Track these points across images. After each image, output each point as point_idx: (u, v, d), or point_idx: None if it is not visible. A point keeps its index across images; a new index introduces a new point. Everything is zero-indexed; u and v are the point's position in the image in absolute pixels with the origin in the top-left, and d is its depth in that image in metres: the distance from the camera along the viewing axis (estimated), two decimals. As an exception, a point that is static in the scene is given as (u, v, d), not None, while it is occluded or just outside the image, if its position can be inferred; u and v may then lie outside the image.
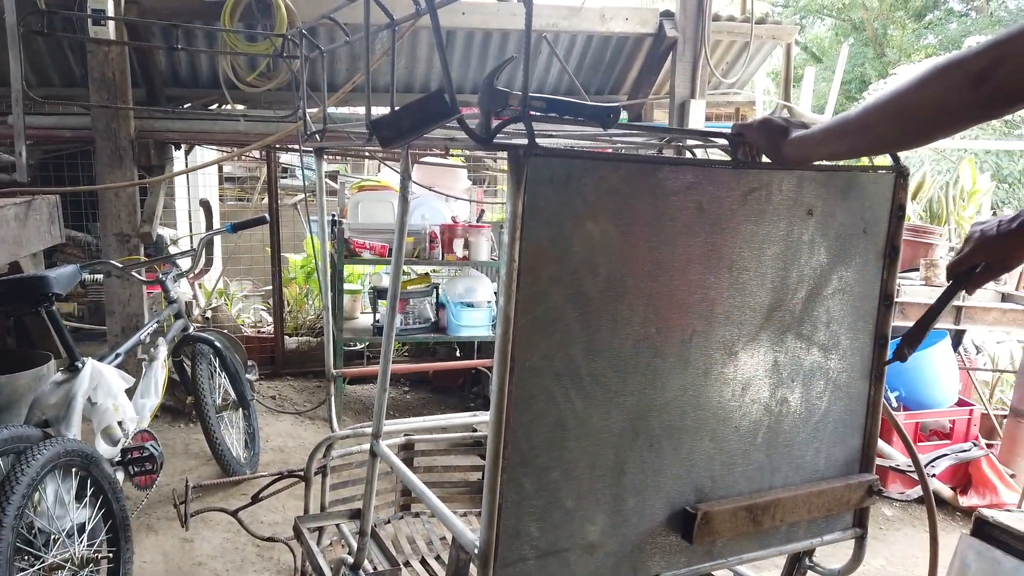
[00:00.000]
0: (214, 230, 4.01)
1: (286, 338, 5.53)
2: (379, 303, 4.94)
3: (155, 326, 3.49)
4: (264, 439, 4.19)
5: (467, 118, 1.16)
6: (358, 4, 1.63)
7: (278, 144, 4.64)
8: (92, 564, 2.40)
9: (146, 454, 2.98)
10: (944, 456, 1.96)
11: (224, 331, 4.81)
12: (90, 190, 4.61)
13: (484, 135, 1.15)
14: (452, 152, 5.14)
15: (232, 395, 3.85)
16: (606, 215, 1.20)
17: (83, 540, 2.40)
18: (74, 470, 2.43)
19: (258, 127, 4.53)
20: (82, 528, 2.42)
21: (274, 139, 4.30)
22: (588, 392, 1.24)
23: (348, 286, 5.25)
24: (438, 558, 2.54)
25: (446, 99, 1.18)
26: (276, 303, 5.39)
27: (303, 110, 2.20)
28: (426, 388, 5.41)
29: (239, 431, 3.89)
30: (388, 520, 2.75)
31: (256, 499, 2.64)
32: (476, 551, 1.22)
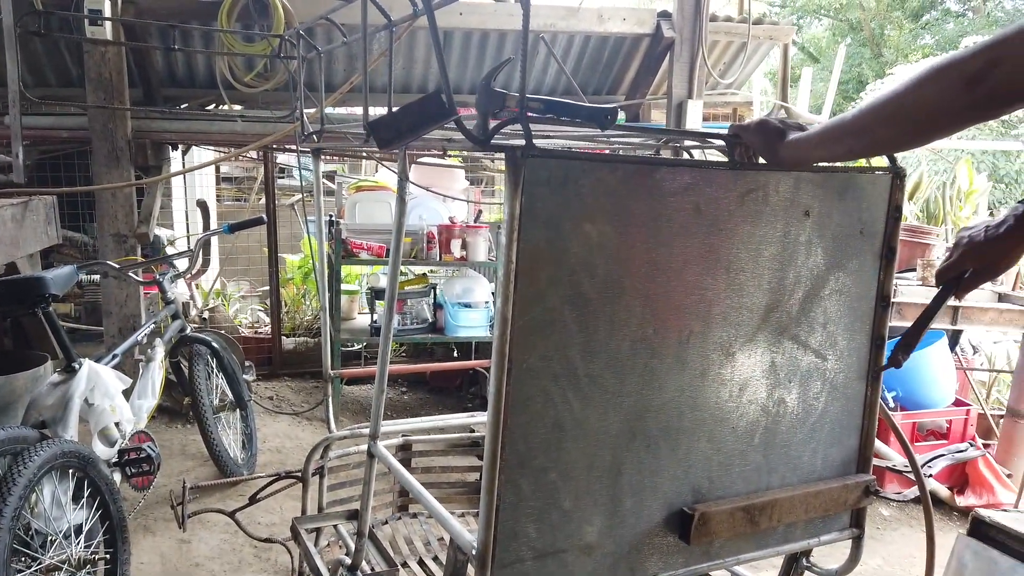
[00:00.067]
0: (211, 231, 4.01)
1: (283, 339, 5.53)
2: (376, 304, 4.94)
3: (152, 327, 3.48)
4: (261, 440, 4.19)
5: (464, 119, 1.16)
6: (355, 5, 1.64)
7: (275, 145, 4.63)
8: (89, 565, 2.40)
9: (143, 455, 2.98)
10: (941, 456, 1.96)
11: (221, 332, 4.80)
12: (87, 190, 4.60)
13: (482, 136, 1.15)
14: (450, 153, 5.14)
15: (229, 396, 3.85)
16: (603, 216, 1.20)
17: (80, 541, 2.39)
18: (71, 471, 2.43)
19: (255, 127, 4.52)
20: (79, 529, 2.41)
21: (271, 140, 4.30)
22: (586, 393, 1.24)
23: (345, 287, 5.25)
24: (436, 559, 2.53)
25: (443, 100, 1.18)
26: (273, 304, 5.39)
27: (300, 111, 2.20)
28: (424, 389, 5.41)
29: (236, 432, 3.88)
30: (386, 521, 2.75)
31: (254, 500, 2.64)
32: (474, 552, 1.23)
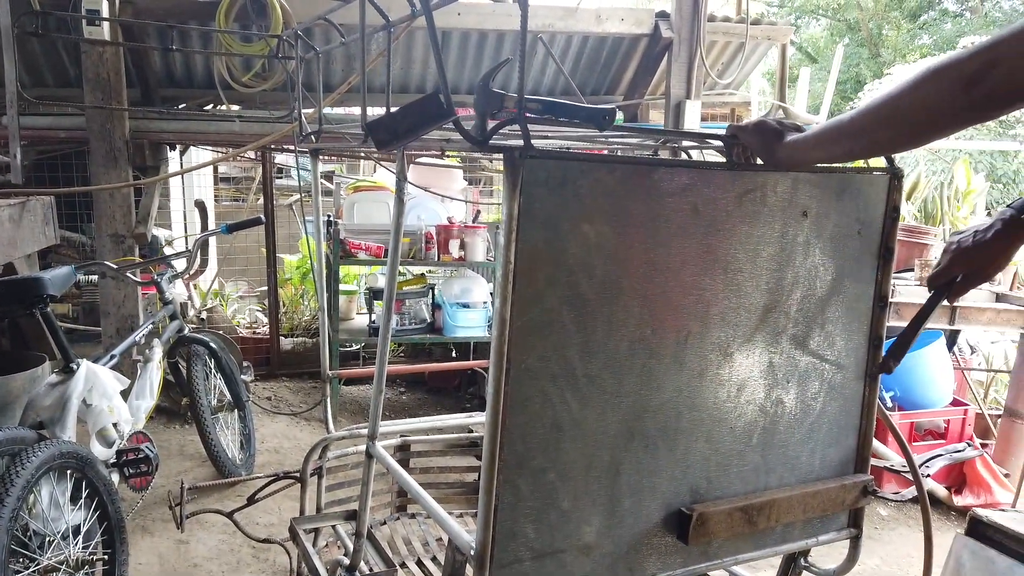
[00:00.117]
0: (209, 231, 4.00)
1: (282, 339, 5.52)
2: (375, 304, 4.94)
3: (150, 327, 3.48)
4: (260, 440, 4.19)
5: (463, 120, 1.16)
6: (353, 5, 1.64)
7: (273, 145, 4.63)
8: (87, 566, 2.40)
9: (141, 456, 2.97)
10: (939, 456, 1.96)
11: (219, 332, 4.80)
12: (85, 191, 4.59)
13: (480, 137, 1.15)
14: (448, 153, 5.14)
15: (227, 396, 3.84)
16: (602, 217, 1.20)
17: (78, 542, 2.39)
18: (69, 472, 2.43)
19: (253, 128, 4.52)
20: (77, 530, 2.41)
21: (269, 140, 4.30)
22: (584, 393, 1.24)
23: (344, 287, 5.24)
24: (434, 559, 2.53)
25: (442, 101, 1.18)
26: (271, 304, 5.38)
27: (299, 111, 2.20)
28: (422, 389, 5.41)
29: (235, 432, 3.88)
30: (384, 521, 2.75)
31: (252, 500, 2.63)
32: (472, 552, 1.23)
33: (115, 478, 2.89)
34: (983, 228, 1.33)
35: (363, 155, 6.05)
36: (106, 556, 2.50)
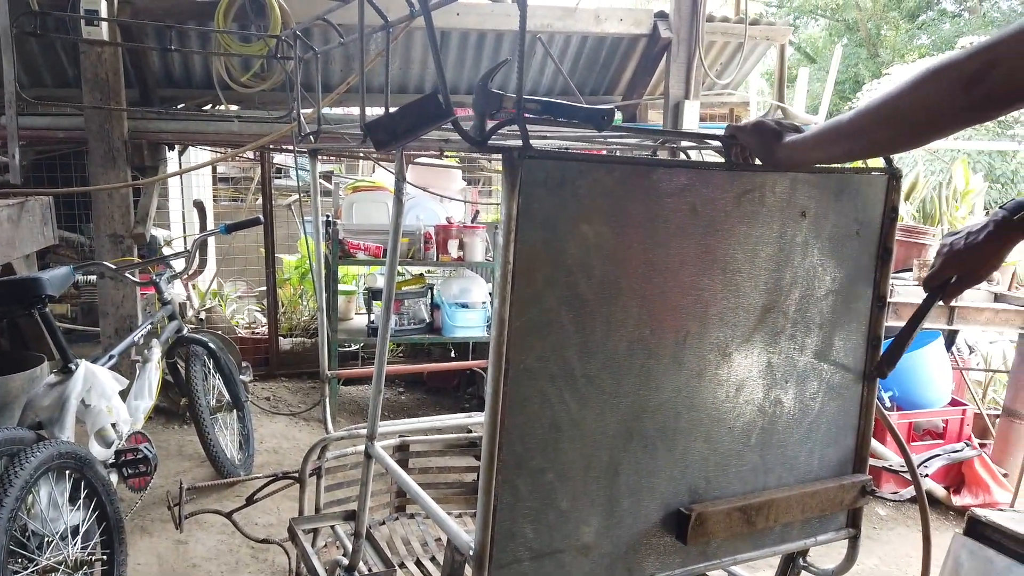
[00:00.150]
0: (208, 231, 4.00)
1: (280, 339, 5.52)
2: (374, 304, 4.94)
3: (149, 327, 3.48)
4: (258, 440, 4.18)
5: (462, 120, 1.16)
6: (352, 5, 1.63)
7: (272, 145, 4.63)
8: (86, 567, 2.40)
9: (140, 456, 2.97)
10: (937, 456, 1.96)
11: (218, 332, 4.80)
12: (83, 191, 4.59)
13: (479, 137, 1.15)
14: (447, 153, 5.14)
15: (226, 396, 3.84)
16: (600, 217, 1.20)
17: (77, 542, 2.39)
18: (68, 472, 2.43)
19: (252, 128, 4.52)
20: (76, 530, 2.41)
21: (268, 140, 4.29)
22: (583, 394, 1.24)
23: (342, 287, 5.24)
24: (433, 559, 2.53)
25: (440, 101, 1.18)
26: (270, 304, 5.38)
27: (297, 111, 2.20)
28: (421, 389, 5.40)
29: (233, 433, 3.88)
30: (383, 521, 2.75)
31: (251, 501, 2.63)
32: (471, 552, 1.23)
33: (114, 478, 2.89)
34: (975, 230, 1.33)
35: (362, 155, 6.05)
36: (105, 556, 2.50)
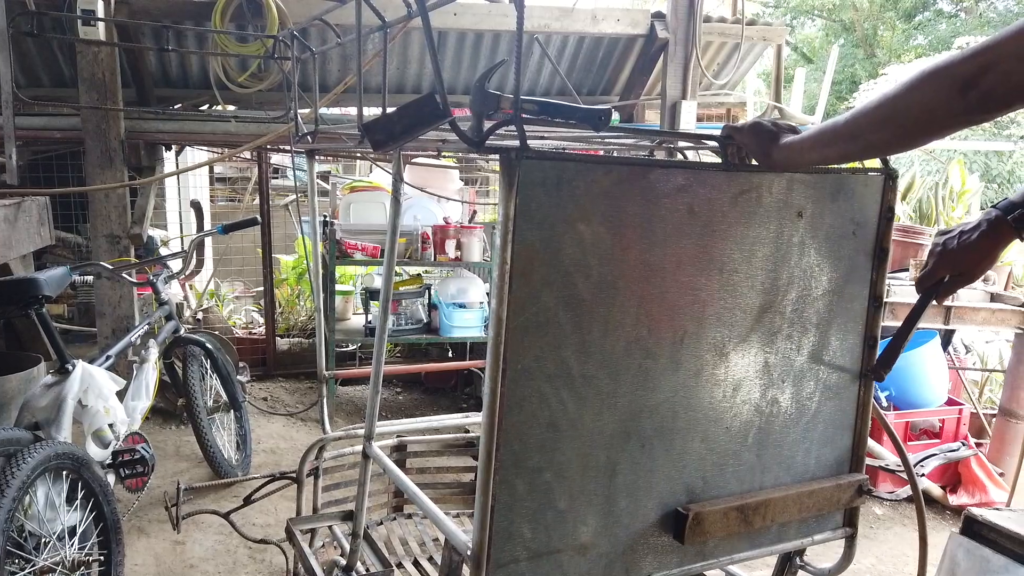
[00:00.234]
0: (205, 231, 4.00)
1: (278, 339, 5.52)
2: (371, 304, 4.94)
3: (146, 328, 3.47)
4: (256, 441, 4.18)
5: (459, 120, 1.16)
6: (349, 5, 1.64)
7: (269, 145, 4.63)
8: (83, 567, 2.39)
9: (137, 456, 2.97)
10: (933, 455, 1.97)
11: (215, 332, 4.79)
12: (80, 191, 4.58)
13: (476, 138, 1.15)
14: (444, 153, 5.14)
15: (223, 397, 3.84)
16: (598, 217, 1.20)
17: (74, 543, 2.39)
18: (65, 473, 2.42)
19: (249, 128, 4.52)
20: (73, 531, 2.41)
21: (265, 140, 4.29)
22: (580, 394, 1.24)
23: (340, 287, 5.24)
24: (431, 559, 2.53)
25: (438, 102, 1.18)
26: (267, 304, 5.38)
27: (295, 111, 2.20)
28: (418, 389, 5.40)
29: (231, 433, 3.88)
30: (381, 522, 2.75)
31: (248, 501, 2.63)
32: (469, 552, 1.23)
33: (111, 479, 2.88)
34: (968, 229, 1.33)
35: (359, 155, 6.05)
36: (102, 557, 2.50)
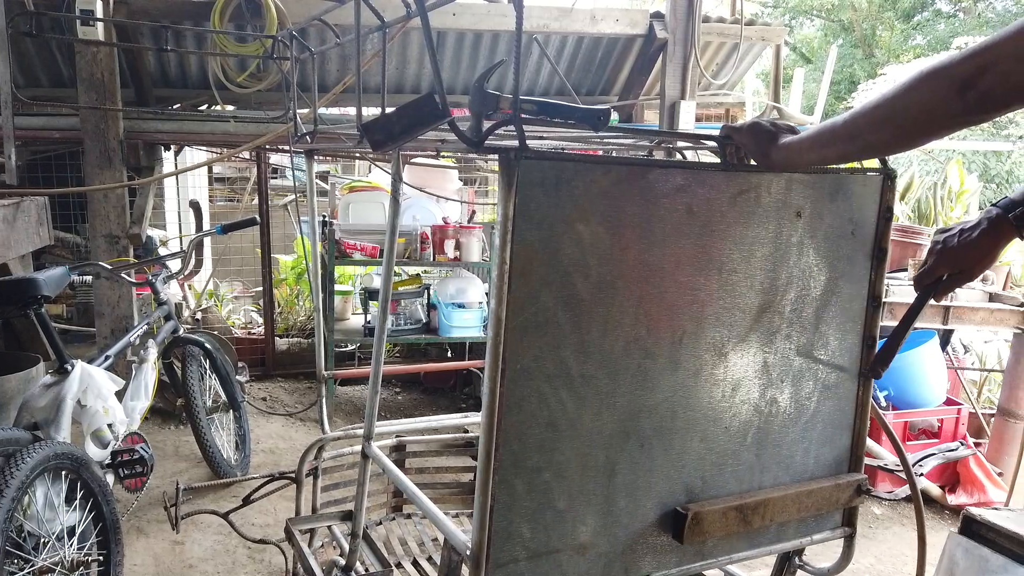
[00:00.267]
0: (204, 231, 4.00)
1: (277, 339, 5.52)
2: (370, 304, 4.94)
3: (145, 328, 3.47)
4: (255, 441, 4.18)
5: (458, 120, 1.16)
6: (348, 6, 1.64)
7: (268, 145, 4.63)
8: (82, 567, 2.39)
9: (136, 456, 2.97)
10: (932, 455, 1.97)
11: (214, 332, 4.79)
12: (79, 191, 4.58)
13: (475, 138, 1.15)
14: (443, 153, 5.14)
15: (222, 397, 3.84)
16: (597, 217, 1.20)
17: (73, 543, 2.39)
18: (64, 473, 2.42)
19: (248, 128, 4.52)
20: (72, 531, 2.41)
21: (264, 140, 4.29)
22: (579, 393, 1.24)
23: (339, 287, 5.24)
24: (430, 559, 2.54)
25: (437, 102, 1.18)
26: (266, 304, 5.37)
27: (294, 111, 2.20)
28: (417, 389, 5.40)
29: (230, 433, 3.88)
30: (380, 522, 2.75)
31: (247, 501, 2.63)
32: (468, 552, 1.23)
33: (110, 479, 2.88)
34: (969, 227, 1.32)
35: (358, 156, 6.05)
36: (101, 557, 2.50)
